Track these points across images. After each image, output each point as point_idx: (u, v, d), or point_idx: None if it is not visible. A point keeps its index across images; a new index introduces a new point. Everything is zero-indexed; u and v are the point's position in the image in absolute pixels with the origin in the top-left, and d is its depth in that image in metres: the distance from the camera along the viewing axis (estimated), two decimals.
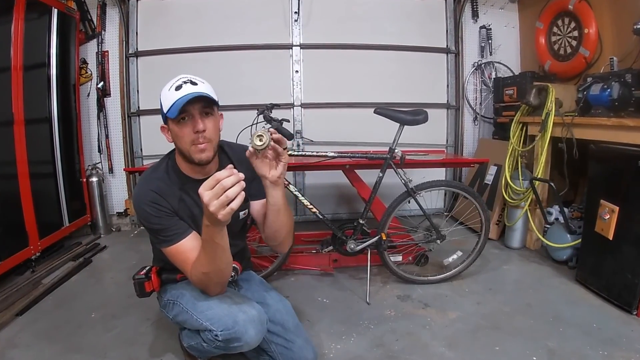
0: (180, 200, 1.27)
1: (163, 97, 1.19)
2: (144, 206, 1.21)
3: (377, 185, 2.15)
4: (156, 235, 1.25)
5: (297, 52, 3.46)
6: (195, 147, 1.20)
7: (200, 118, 1.19)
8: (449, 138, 3.77)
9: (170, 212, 1.23)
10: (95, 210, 3.32)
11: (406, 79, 3.58)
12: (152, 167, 1.32)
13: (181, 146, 1.22)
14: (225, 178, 0.94)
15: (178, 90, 1.16)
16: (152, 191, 1.22)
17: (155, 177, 1.26)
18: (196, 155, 1.22)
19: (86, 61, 3.33)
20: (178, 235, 1.23)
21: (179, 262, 1.23)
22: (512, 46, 3.71)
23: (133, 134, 3.49)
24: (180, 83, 1.18)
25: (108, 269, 2.65)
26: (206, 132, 1.20)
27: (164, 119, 1.23)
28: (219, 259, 1.14)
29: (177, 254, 1.23)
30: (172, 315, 1.38)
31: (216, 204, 0.93)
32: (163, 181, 1.26)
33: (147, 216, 1.22)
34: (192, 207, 1.29)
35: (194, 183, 1.28)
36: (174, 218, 1.24)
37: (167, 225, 1.22)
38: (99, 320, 1.95)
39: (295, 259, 2.47)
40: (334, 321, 1.92)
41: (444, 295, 2.16)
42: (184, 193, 1.27)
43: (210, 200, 0.93)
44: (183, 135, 1.19)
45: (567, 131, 2.40)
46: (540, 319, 1.90)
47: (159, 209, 1.22)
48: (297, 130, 3.51)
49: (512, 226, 2.83)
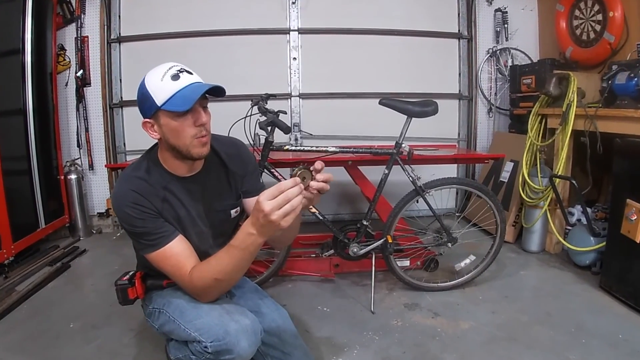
0: (164, 201, 1.25)
1: (154, 87, 1.16)
2: (125, 208, 1.20)
3: (383, 183, 2.15)
4: (140, 239, 1.24)
5: (294, 37, 3.45)
6: (198, 140, 1.21)
7: (202, 111, 1.20)
8: (461, 131, 3.77)
9: (154, 214, 1.22)
10: (74, 211, 3.31)
11: (414, 67, 3.58)
12: (132, 166, 1.31)
13: (178, 141, 1.20)
14: (290, 189, 0.98)
15: (177, 80, 1.15)
16: (133, 191, 1.21)
17: (135, 176, 1.25)
18: (197, 150, 1.22)
19: (64, 47, 3.31)
20: (165, 238, 1.22)
21: (169, 267, 1.22)
22: (530, 31, 3.69)
23: (115, 127, 3.48)
24: (175, 72, 1.17)
25: (88, 274, 2.64)
26: (207, 125, 1.22)
27: (150, 113, 1.20)
28: (242, 269, 1.16)
29: (166, 259, 1.22)
30: (158, 325, 1.37)
31: (279, 214, 0.98)
32: (145, 180, 1.24)
33: (129, 219, 1.21)
34: (177, 208, 1.28)
35: (179, 182, 1.28)
36: (159, 220, 1.23)
37: (152, 228, 1.21)
38: (78, 330, 1.94)
39: (293, 264, 2.46)
40: (336, 332, 1.91)
41: (456, 304, 2.16)
42: (168, 193, 1.26)
43: (272, 210, 0.97)
44: (184, 130, 1.19)
45: (590, 124, 2.39)
46: (561, 329, 1.89)
47: (142, 210, 1.20)
48: (294, 123, 3.51)
49: (530, 228, 2.82)
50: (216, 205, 1.37)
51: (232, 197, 1.40)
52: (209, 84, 1.16)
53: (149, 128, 1.23)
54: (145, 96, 1.18)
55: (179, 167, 1.28)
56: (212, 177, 1.35)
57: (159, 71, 1.17)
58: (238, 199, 1.42)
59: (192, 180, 1.31)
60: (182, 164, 1.28)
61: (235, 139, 1.48)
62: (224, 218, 1.40)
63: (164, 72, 1.16)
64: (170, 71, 1.16)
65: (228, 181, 1.38)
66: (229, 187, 1.39)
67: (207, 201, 1.34)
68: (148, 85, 1.17)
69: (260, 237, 1.05)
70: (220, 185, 1.37)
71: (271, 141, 2.08)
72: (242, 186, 1.41)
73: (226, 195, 1.39)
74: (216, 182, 1.36)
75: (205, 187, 1.33)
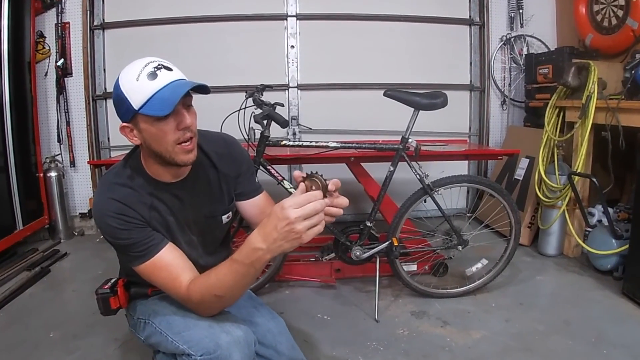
0: (152, 209, 1.23)
1: (129, 88, 1.11)
2: (108, 220, 1.17)
3: (388, 181, 2.14)
4: (126, 252, 1.21)
5: (292, 23, 3.44)
6: (180, 147, 1.16)
7: (185, 111, 1.15)
8: (473, 125, 3.77)
9: (141, 224, 1.19)
10: (54, 211, 3.30)
11: (422, 55, 3.57)
12: (112, 171, 1.27)
13: (160, 147, 1.17)
14: (319, 200, 0.96)
15: (154, 80, 1.10)
16: (115, 200, 1.18)
17: (117, 183, 1.22)
18: (182, 157, 1.17)
19: (43, 34, 3.30)
20: (154, 247, 1.19)
21: (162, 280, 1.19)
22: (547, 17, 3.68)
23: (99, 121, 3.48)
24: (151, 70, 1.11)
25: (69, 280, 2.64)
26: (192, 127, 1.17)
27: (128, 117, 1.16)
28: (245, 286, 1.14)
29: (157, 270, 1.19)
30: (144, 337, 1.35)
31: (306, 224, 0.95)
32: (128, 187, 1.21)
33: (112, 231, 1.17)
34: (166, 216, 1.25)
35: (166, 188, 1.25)
36: (147, 229, 1.20)
37: (139, 239, 1.18)
38: (58, 340, 1.94)
39: (291, 269, 2.46)
40: (337, 342, 1.91)
41: (467, 312, 2.16)
42: (155, 199, 1.24)
43: (299, 218, 0.94)
44: (165, 135, 1.14)
45: (612, 117, 2.38)
46: (581, 339, 1.89)
47: (127, 221, 1.17)
48: (292, 116, 3.50)
49: (547, 230, 2.82)
50: (206, 212, 1.34)
51: (223, 202, 1.37)
52: (191, 83, 1.11)
53: (128, 133, 1.19)
54: (120, 98, 1.12)
55: (163, 174, 1.25)
56: (201, 181, 1.32)
57: (134, 69, 1.12)
58: (230, 203, 1.39)
59: (179, 186, 1.27)
60: (167, 170, 1.25)
61: (225, 135, 1.44)
62: (214, 225, 1.38)
63: (140, 70, 1.11)
64: (147, 69, 1.11)
65: (219, 184, 1.35)
66: (220, 191, 1.36)
67: (196, 207, 1.32)
68: (123, 86, 1.12)
69: (269, 253, 1.01)
70: (210, 190, 1.34)
71: (267, 136, 2.07)
72: (235, 188, 1.39)
73: (217, 200, 1.36)
74: (205, 186, 1.33)
75: (193, 193, 1.30)
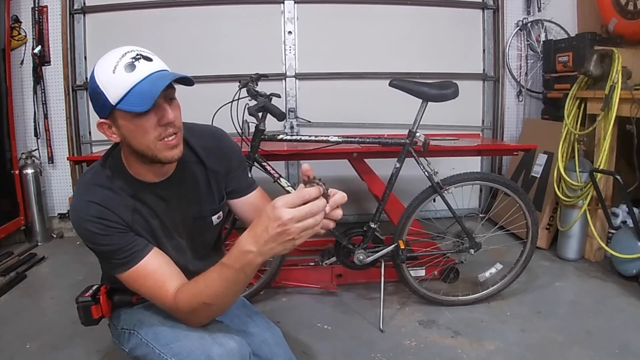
0: (135, 211, 1.21)
1: (105, 81, 1.08)
2: (86, 224, 1.15)
3: (394, 178, 2.14)
4: (108, 259, 1.20)
5: (290, 7, 3.44)
6: (163, 143, 1.14)
7: (167, 105, 1.13)
8: (486, 118, 3.77)
9: (122, 228, 1.18)
10: (31, 212, 3.30)
11: (430, 42, 3.58)
12: (91, 171, 1.25)
13: (141, 145, 1.15)
14: (315, 200, 0.93)
15: (132, 71, 1.07)
16: (94, 203, 1.16)
17: (96, 184, 1.20)
18: (165, 153, 1.15)
19: (19, 19, 3.29)
20: (138, 253, 1.18)
21: (147, 288, 1.19)
22: (566, 0, 3.67)
23: (79, 113, 3.48)
24: (129, 60, 1.09)
25: (47, 286, 2.63)
26: (176, 122, 1.15)
27: (105, 113, 1.14)
28: (237, 292, 1.14)
29: (141, 278, 1.18)
30: (129, 349, 1.35)
31: (299, 227, 0.93)
32: (108, 189, 1.20)
33: (91, 237, 1.16)
34: (150, 219, 1.24)
35: (149, 189, 1.24)
36: (129, 234, 1.19)
37: (121, 244, 1.17)
38: (35, 352, 1.94)
39: (289, 274, 2.46)
40: (338, 354, 1.91)
41: (479, 321, 2.16)
42: (137, 202, 1.22)
43: (292, 219, 0.92)
44: (146, 131, 1.12)
45: (637, 109, 2.38)
46: (603, 350, 1.89)
47: (107, 225, 1.16)
48: (290, 108, 3.50)
49: (566, 231, 2.82)
50: (194, 213, 1.33)
51: (213, 201, 1.36)
52: (173, 74, 1.10)
53: (106, 130, 1.16)
54: (96, 92, 1.10)
55: (146, 173, 1.23)
56: (188, 179, 1.31)
57: (111, 60, 1.09)
58: (221, 202, 1.38)
59: (164, 186, 1.26)
60: (150, 169, 1.23)
61: (214, 128, 1.43)
62: (204, 227, 1.37)
63: (117, 61, 1.08)
64: (124, 59, 1.08)
65: (208, 182, 1.34)
66: (208, 190, 1.35)
67: (183, 209, 1.30)
68: (98, 79, 1.09)
69: (260, 256, 1.01)
70: (198, 189, 1.33)
71: (262, 129, 2.06)
72: (226, 186, 1.38)
73: (206, 200, 1.35)
74: (193, 185, 1.32)
75: (180, 193, 1.29)
